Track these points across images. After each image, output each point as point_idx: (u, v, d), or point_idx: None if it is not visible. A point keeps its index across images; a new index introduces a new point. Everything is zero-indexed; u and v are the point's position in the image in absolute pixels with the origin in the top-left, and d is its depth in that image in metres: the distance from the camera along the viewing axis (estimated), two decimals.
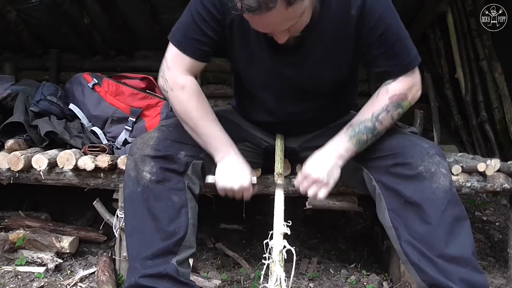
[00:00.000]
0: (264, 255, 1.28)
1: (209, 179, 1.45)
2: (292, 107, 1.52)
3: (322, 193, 1.36)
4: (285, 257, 1.26)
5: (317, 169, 1.35)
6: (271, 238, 1.30)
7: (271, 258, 1.27)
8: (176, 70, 1.39)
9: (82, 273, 1.87)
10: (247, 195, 1.45)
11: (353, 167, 1.49)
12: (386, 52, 1.33)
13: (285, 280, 1.22)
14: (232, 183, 1.40)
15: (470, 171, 1.85)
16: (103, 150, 1.93)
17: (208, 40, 1.37)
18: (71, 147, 1.98)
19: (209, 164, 1.50)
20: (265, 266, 1.25)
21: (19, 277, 1.84)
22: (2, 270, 1.87)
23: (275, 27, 1.18)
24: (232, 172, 1.41)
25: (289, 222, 1.33)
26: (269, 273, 1.24)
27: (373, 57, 1.35)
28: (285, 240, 1.29)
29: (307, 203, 1.83)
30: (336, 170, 1.37)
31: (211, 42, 1.37)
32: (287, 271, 1.24)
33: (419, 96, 1.42)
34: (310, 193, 1.37)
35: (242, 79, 1.53)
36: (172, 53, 1.41)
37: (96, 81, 2.18)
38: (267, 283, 1.22)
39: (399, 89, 1.36)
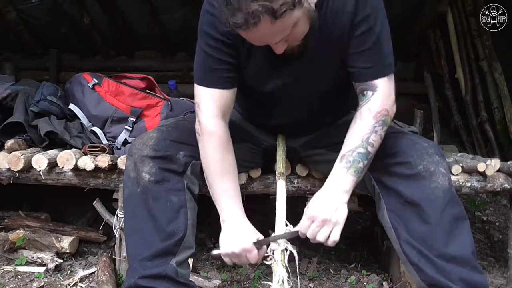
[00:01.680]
0: (265, 254, 1.28)
1: (215, 251, 1.39)
2: (297, 112, 1.52)
3: (336, 234, 1.26)
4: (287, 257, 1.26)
5: (323, 210, 1.26)
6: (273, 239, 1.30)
7: (273, 258, 1.27)
8: (208, 113, 1.35)
9: (82, 273, 1.88)
10: (252, 258, 1.32)
11: None
12: (361, 53, 1.31)
13: (288, 281, 1.22)
14: (232, 247, 1.32)
15: (470, 171, 1.85)
16: (103, 150, 1.93)
17: (229, 66, 1.35)
18: (71, 147, 1.98)
19: None
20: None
21: (19, 277, 1.84)
22: (2, 270, 1.87)
23: (267, 40, 1.18)
24: (233, 236, 1.33)
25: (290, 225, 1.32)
26: (273, 273, 1.25)
27: (348, 55, 1.33)
28: (287, 242, 1.29)
29: (307, 203, 1.83)
30: (343, 206, 1.28)
31: (232, 67, 1.35)
32: (289, 272, 1.24)
33: (395, 110, 1.37)
34: (321, 237, 1.25)
35: (248, 91, 1.50)
36: (201, 93, 1.37)
37: (96, 81, 2.18)
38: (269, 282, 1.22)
39: (380, 106, 1.31)
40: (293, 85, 1.41)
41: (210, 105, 1.36)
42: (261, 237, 1.34)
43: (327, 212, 1.26)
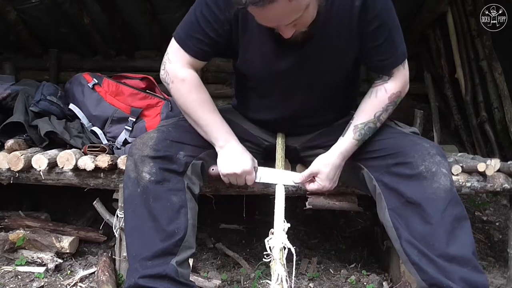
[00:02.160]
0: (265, 252, 1.28)
1: (213, 168, 1.48)
2: (296, 104, 1.53)
3: (326, 188, 1.45)
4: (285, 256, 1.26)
5: (330, 182, 1.45)
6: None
7: (272, 256, 1.27)
8: (177, 63, 1.42)
9: (82, 273, 1.87)
10: (250, 180, 1.46)
11: (354, 166, 1.50)
12: (376, 48, 1.37)
13: (286, 280, 1.22)
14: (234, 168, 1.42)
15: (470, 171, 1.85)
16: (103, 150, 1.93)
17: (209, 41, 1.39)
18: (71, 147, 1.98)
19: (208, 164, 1.50)
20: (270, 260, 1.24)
21: (19, 277, 1.84)
22: (2, 270, 1.87)
23: (280, 20, 1.18)
24: (233, 158, 1.42)
25: (289, 224, 1.32)
26: (271, 272, 1.25)
27: (364, 51, 1.39)
28: (286, 237, 1.29)
29: (307, 203, 1.82)
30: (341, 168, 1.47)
31: (212, 43, 1.39)
32: (288, 270, 1.23)
33: (407, 89, 1.49)
34: (313, 186, 1.46)
35: (246, 77, 1.53)
36: (174, 48, 1.43)
37: (96, 81, 2.18)
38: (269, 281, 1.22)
39: (396, 88, 1.43)
40: (294, 73, 1.43)
41: (180, 61, 1.42)
42: (256, 162, 1.49)
43: (333, 176, 1.44)
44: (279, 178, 1.47)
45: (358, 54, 1.42)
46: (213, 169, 1.49)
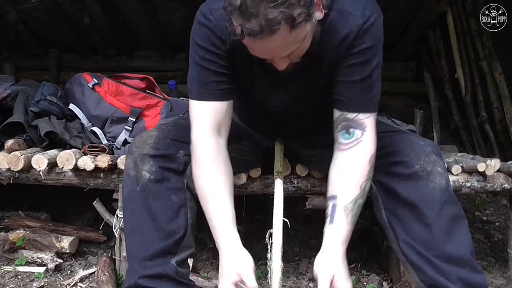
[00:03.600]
0: (267, 245, 1.27)
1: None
2: (293, 124, 1.53)
3: None
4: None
5: (340, 269, 1.20)
6: (270, 236, 1.31)
7: (271, 256, 1.27)
8: (199, 127, 1.31)
9: (82, 273, 1.87)
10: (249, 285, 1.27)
11: None
12: (351, 83, 1.27)
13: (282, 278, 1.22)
14: (219, 284, 1.28)
15: (470, 171, 1.85)
16: (103, 150, 1.93)
17: (225, 78, 1.30)
18: (71, 147, 1.98)
19: None
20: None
21: (19, 277, 1.84)
22: (2, 270, 1.87)
23: (277, 52, 1.12)
24: (221, 273, 1.29)
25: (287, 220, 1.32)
26: (269, 272, 1.25)
27: (336, 82, 1.30)
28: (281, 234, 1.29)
29: (307, 203, 1.83)
30: None
31: (228, 78, 1.31)
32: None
33: None
34: None
35: (243, 100, 1.49)
36: (193, 109, 1.32)
37: (96, 81, 2.18)
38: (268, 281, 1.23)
39: (372, 149, 1.28)
40: (286, 105, 1.41)
41: (203, 119, 1.31)
42: (246, 269, 1.28)
43: (348, 272, 1.22)
44: None
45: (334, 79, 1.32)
46: None
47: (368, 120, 1.27)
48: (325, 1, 1.11)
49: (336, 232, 1.24)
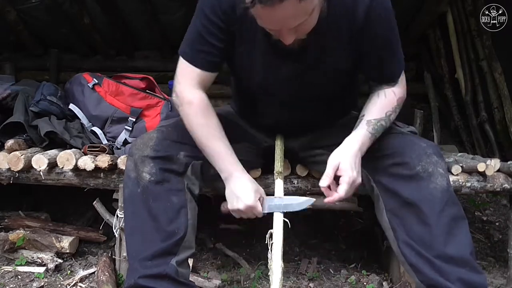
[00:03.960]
0: (267, 245, 1.27)
1: (224, 205, 1.43)
2: (294, 112, 1.52)
3: (355, 179, 1.29)
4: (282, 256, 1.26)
5: (357, 174, 1.29)
6: (270, 236, 1.31)
7: (271, 255, 1.28)
8: (185, 84, 1.39)
9: (82, 273, 1.87)
10: (257, 213, 1.37)
11: None
12: (381, 60, 1.37)
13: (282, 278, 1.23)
14: (238, 205, 1.36)
15: (470, 171, 1.85)
16: (103, 150, 1.93)
17: (216, 50, 1.36)
18: (71, 147, 1.98)
19: (208, 165, 1.50)
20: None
21: (19, 277, 1.84)
22: (2, 270, 1.87)
23: (286, 22, 1.14)
24: (236, 193, 1.36)
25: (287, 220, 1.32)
26: (270, 272, 1.25)
27: (367, 64, 1.39)
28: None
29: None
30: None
31: (219, 51, 1.37)
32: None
33: None
34: (343, 187, 1.27)
35: (244, 85, 1.52)
36: (182, 67, 1.40)
37: (96, 81, 2.18)
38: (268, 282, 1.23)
39: (402, 92, 1.42)
40: (291, 83, 1.41)
41: (189, 79, 1.38)
42: (262, 191, 1.41)
43: (355, 165, 1.29)
44: (288, 205, 1.39)
45: (357, 64, 1.40)
46: (224, 206, 1.43)
47: (399, 78, 1.42)
48: None
49: (355, 135, 1.34)
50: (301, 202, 1.40)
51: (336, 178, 1.28)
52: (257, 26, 1.22)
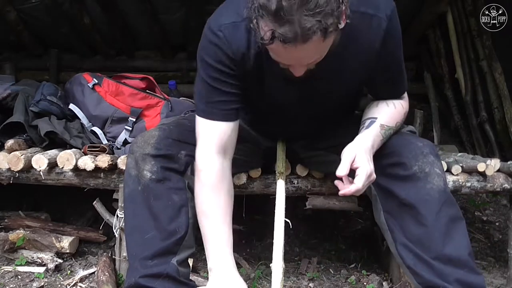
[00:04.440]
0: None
1: None
2: (298, 127, 1.53)
3: (372, 172, 1.25)
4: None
5: (362, 152, 1.25)
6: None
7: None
8: (203, 148, 1.31)
9: (82, 273, 1.87)
10: None
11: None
12: (387, 80, 1.38)
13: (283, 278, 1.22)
14: None
15: (470, 171, 1.85)
16: (103, 150, 1.93)
17: (233, 97, 1.30)
18: (71, 147, 1.98)
19: None
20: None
21: (19, 277, 1.84)
22: (2, 270, 1.87)
23: (304, 59, 1.11)
24: None
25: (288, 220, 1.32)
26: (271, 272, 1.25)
27: (374, 81, 1.39)
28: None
29: (307, 203, 1.83)
30: None
31: (236, 98, 1.31)
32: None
33: None
34: (360, 179, 1.21)
35: (252, 101, 1.47)
36: (201, 126, 1.33)
37: (96, 81, 2.18)
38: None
39: (407, 107, 1.44)
40: (298, 105, 1.41)
41: (209, 139, 1.31)
42: None
43: (370, 158, 1.26)
44: None
45: (366, 83, 1.41)
46: None
47: (404, 95, 1.45)
48: (348, 10, 1.08)
49: (368, 133, 1.30)
50: (338, 170, 1.27)
51: (350, 172, 1.24)
52: (266, 54, 1.17)
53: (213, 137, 1.31)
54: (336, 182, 1.23)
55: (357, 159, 1.21)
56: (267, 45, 1.05)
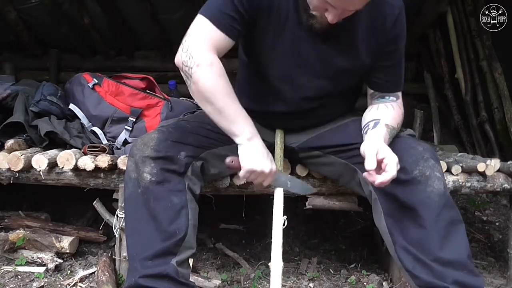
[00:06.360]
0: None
1: (232, 160, 1.34)
2: (308, 91, 1.51)
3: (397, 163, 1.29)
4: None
5: (384, 146, 1.32)
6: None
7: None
8: (204, 44, 1.30)
9: (82, 273, 1.87)
10: (268, 181, 1.35)
11: (350, 170, 1.50)
12: (388, 67, 1.45)
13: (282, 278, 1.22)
14: (258, 166, 1.29)
15: (470, 171, 1.85)
16: (103, 150, 1.93)
17: (241, 19, 1.32)
18: (71, 147, 1.98)
19: (209, 165, 1.50)
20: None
21: (19, 277, 1.84)
22: (2, 270, 1.87)
23: (360, 4, 1.21)
24: (258, 156, 1.31)
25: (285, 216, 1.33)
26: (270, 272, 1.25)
27: (376, 67, 1.45)
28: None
29: (307, 203, 1.83)
30: None
31: (242, 21, 1.33)
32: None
33: None
34: (391, 168, 1.25)
35: (259, 67, 1.49)
36: (201, 25, 1.32)
37: (96, 81, 2.18)
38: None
39: (403, 110, 1.51)
40: (314, 62, 1.43)
41: (208, 41, 1.30)
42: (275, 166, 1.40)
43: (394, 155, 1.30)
44: (293, 186, 1.43)
45: (372, 64, 1.46)
46: (232, 161, 1.33)
47: (399, 94, 1.51)
48: None
49: (378, 131, 1.37)
50: (305, 188, 1.50)
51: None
52: (287, 13, 1.30)
53: (213, 41, 1.31)
54: (365, 174, 1.28)
55: (380, 151, 1.27)
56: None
